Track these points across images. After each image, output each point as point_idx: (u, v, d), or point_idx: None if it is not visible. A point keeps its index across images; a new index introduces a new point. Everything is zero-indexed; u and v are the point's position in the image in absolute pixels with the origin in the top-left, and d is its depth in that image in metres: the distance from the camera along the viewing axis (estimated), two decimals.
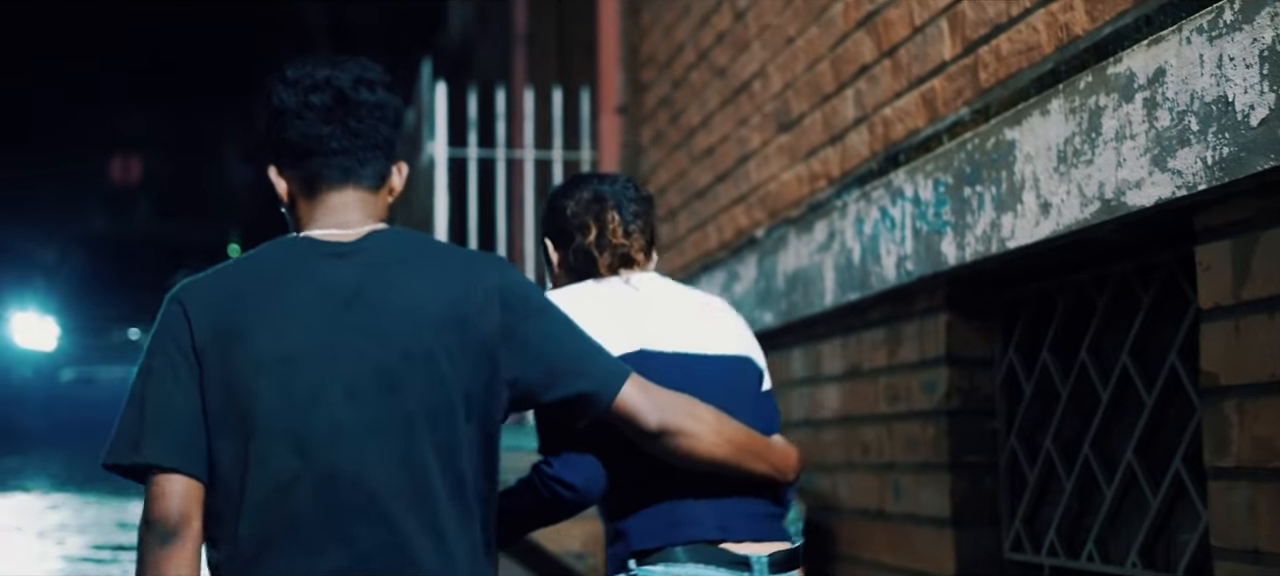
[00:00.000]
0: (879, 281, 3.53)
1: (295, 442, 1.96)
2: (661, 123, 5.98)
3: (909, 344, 3.48)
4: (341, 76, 2.11)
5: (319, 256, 2.06)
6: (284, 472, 1.95)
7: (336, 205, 2.10)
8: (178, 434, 1.97)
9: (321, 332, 2.00)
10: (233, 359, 1.98)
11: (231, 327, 1.99)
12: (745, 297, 4.58)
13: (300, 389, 1.97)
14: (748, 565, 2.26)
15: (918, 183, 3.32)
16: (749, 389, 2.41)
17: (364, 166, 2.10)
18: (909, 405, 3.47)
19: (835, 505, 3.92)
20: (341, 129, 2.09)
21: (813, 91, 4.17)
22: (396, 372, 1.98)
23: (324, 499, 1.95)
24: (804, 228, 4.06)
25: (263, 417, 1.96)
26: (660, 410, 2.16)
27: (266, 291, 2.02)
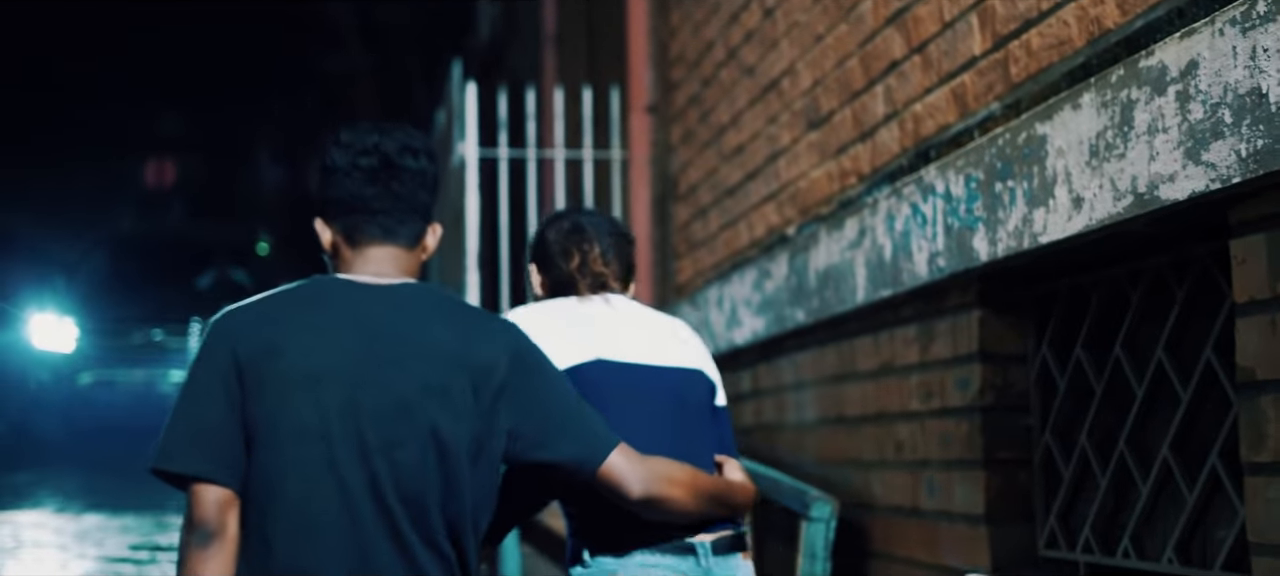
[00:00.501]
0: (911, 278, 3.52)
1: (323, 454, 2.17)
2: (691, 121, 5.98)
3: (942, 340, 3.47)
4: (388, 143, 2.33)
5: (353, 292, 2.30)
6: (312, 484, 2.16)
7: (375, 258, 2.32)
8: (215, 447, 2.17)
9: (351, 356, 2.21)
10: (270, 373, 2.19)
11: (270, 345, 2.21)
12: (777, 295, 4.57)
13: (329, 404, 2.19)
14: (693, 550, 2.47)
15: (949, 178, 3.30)
16: (699, 400, 2.61)
17: (402, 227, 2.34)
18: (942, 402, 3.45)
19: (868, 502, 3.91)
20: (385, 191, 2.32)
21: (842, 88, 4.16)
22: (414, 402, 2.20)
23: (346, 507, 2.17)
24: (835, 225, 4.06)
25: (297, 432, 2.17)
26: (644, 482, 2.35)
27: (303, 315, 2.25)
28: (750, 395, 5.10)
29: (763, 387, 4.94)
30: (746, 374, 5.14)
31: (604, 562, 2.46)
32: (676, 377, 2.59)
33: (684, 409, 2.56)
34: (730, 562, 2.53)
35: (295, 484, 2.16)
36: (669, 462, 2.40)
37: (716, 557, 2.49)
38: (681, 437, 2.52)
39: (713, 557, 2.48)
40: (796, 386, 4.56)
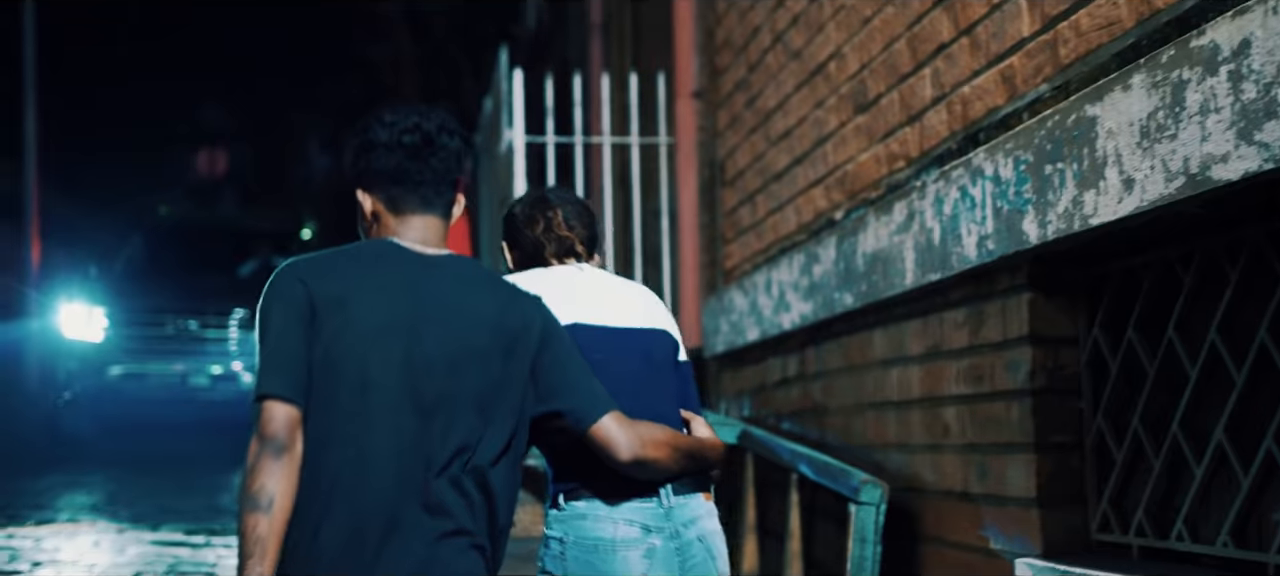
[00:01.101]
0: (960, 261, 3.51)
1: (380, 400, 2.43)
2: (738, 106, 5.97)
3: (991, 323, 3.46)
4: (429, 123, 2.59)
5: (407, 257, 2.55)
6: (371, 426, 2.41)
7: (416, 226, 2.58)
8: (291, 372, 2.40)
9: (407, 317, 2.47)
10: (339, 322, 2.44)
11: (339, 296, 2.45)
12: (825, 279, 4.57)
13: (388, 357, 2.44)
14: (656, 494, 2.71)
15: (998, 161, 3.29)
16: (664, 356, 2.88)
17: (439, 198, 2.60)
18: (992, 385, 3.44)
19: (918, 486, 3.90)
20: (425, 166, 2.57)
21: (890, 72, 4.15)
22: (460, 361, 2.48)
23: (397, 449, 2.42)
24: (883, 208, 4.05)
25: (360, 379, 2.42)
26: (631, 446, 2.61)
27: (366, 273, 2.50)
28: (798, 379, 5.10)
29: (810, 371, 4.94)
30: (794, 358, 5.13)
31: (576, 506, 2.72)
32: (644, 338, 2.85)
33: (651, 366, 2.82)
34: (691, 502, 2.76)
35: (353, 423, 2.40)
36: (652, 426, 2.65)
37: (677, 497, 2.73)
38: (650, 392, 2.77)
39: (674, 497, 2.73)
40: (845, 370, 4.55)
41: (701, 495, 2.79)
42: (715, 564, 2.78)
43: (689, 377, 2.93)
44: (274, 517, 2.33)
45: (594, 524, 2.69)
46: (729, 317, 5.95)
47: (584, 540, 2.69)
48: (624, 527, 2.68)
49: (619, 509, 2.69)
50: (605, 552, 2.68)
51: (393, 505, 2.40)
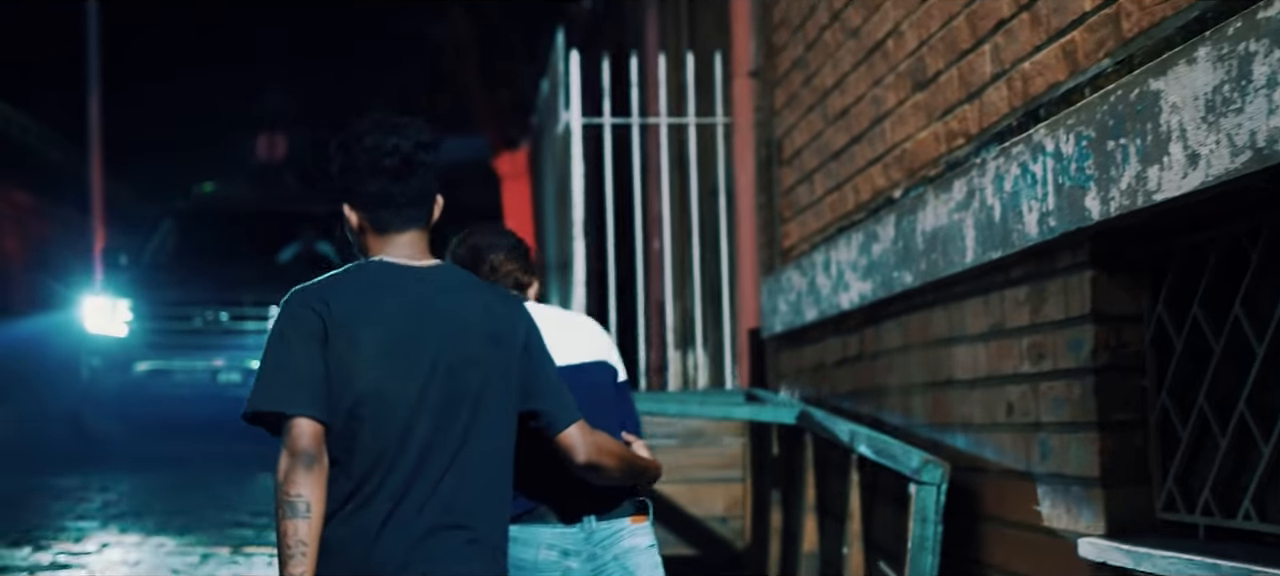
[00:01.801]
0: (1021, 238, 3.48)
1: (391, 411, 2.66)
2: (795, 85, 5.94)
3: (1053, 301, 3.43)
4: (405, 143, 2.75)
5: (400, 274, 2.76)
6: (385, 439, 2.65)
7: (402, 242, 2.79)
8: (313, 390, 2.63)
9: (408, 332, 2.70)
10: (348, 344, 2.66)
11: (346, 320, 2.68)
12: (884, 258, 4.54)
13: (396, 371, 2.68)
14: (578, 520, 3.09)
15: (1059, 137, 3.26)
16: (606, 384, 3.24)
17: (420, 212, 2.79)
18: (1054, 363, 3.41)
19: (979, 465, 3.88)
20: (407, 188, 2.76)
21: (948, 48, 4.11)
22: (459, 368, 2.72)
23: (410, 449, 2.66)
24: (942, 186, 4.02)
25: (374, 398, 2.66)
26: (588, 451, 2.89)
27: (368, 297, 2.72)
28: (856, 358, 5.08)
29: (870, 351, 4.92)
30: (853, 337, 5.11)
31: (511, 531, 2.96)
32: (591, 371, 3.22)
33: (597, 396, 3.14)
34: (614, 525, 3.12)
35: (371, 432, 2.65)
36: (609, 439, 2.96)
37: (600, 523, 3.10)
38: (599, 420, 3.01)
39: (597, 523, 3.10)
40: (904, 349, 4.53)
41: (629, 519, 3.14)
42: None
43: (627, 397, 3.31)
44: (311, 522, 2.57)
45: (521, 548, 3.06)
46: (787, 298, 5.94)
47: (514, 561, 3.03)
48: (545, 552, 3.08)
49: (542, 534, 3.07)
50: (529, 572, 3.06)
51: (409, 506, 2.64)
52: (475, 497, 2.70)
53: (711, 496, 6.10)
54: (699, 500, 6.09)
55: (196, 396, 11.27)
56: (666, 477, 6.06)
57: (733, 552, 6.09)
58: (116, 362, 11.44)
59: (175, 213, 13.70)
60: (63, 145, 17.00)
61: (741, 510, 6.12)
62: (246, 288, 11.58)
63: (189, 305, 11.56)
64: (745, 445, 6.14)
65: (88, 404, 11.67)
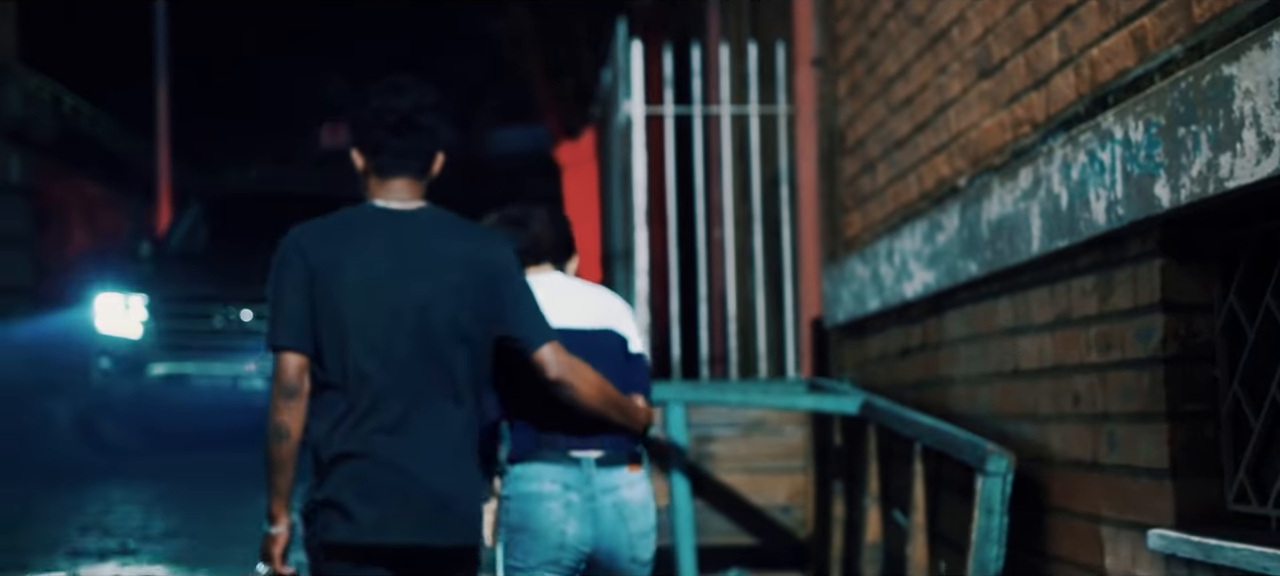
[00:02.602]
0: (1088, 227, 3.44)
1: (373, 342, 3.07)
2: (858, 74, 5.91)
3: (1121, 290, 3.39)
4: (404, 103, 3.18)
5: (387, 217, 3.17)
6: (367, 360, 3.07)
7: (394, 187, 3.20)
8: (297, 328, 3.08)
9: (392, 267, 3.11)
10: (333, 281, 3.08)
11: (333, 259, 3.10)
12: (948, 247, 4.51)
13: (380, 304, 3.09)
14: (578, 463, 3.45)
15: (1128, 124, 3.22)
16: (611, 351, 3.53)
17: (414, 163, 3.20)
18: (1123, 353, 3.38)
19: (1046, 456, 3.85)
20: (401, 140, 3.18)
21: (1015, 35, 4.07)
22: (438, 298, 3.10)
23: (389, 374, 3.07)
24: (1008, 175, 3.98)
25: (353, 326, 3.08)
26: (560, 368, 3.27)
27: (354, 238, 3.14)
28: (920, 349, 5.05)
29: (934, 341, 4.89)
30: (917, 327, 5.08)
31: (516, 470, 3.49)
32: (594, 337, 3.52)
33: (598, 359, 3.39)
34: (613, 474, 3.47)
35: (355, 361, 3.07)
36: (586, 366, 3.31)
37: (599, 469, 3.46)
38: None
39: (595, 468, 3.46)
40: (969, 339, 4.50)
41: (626, 468, 3.50)
42: (625, 526, 3.48)
43: (640, 367, 3.63)
44: (288, 443, 3.07)
45: (527, 482, 3.46)
46: (850, 287, 5.91)
47: (521, 494, 3.47)
48: (548, 485, 3.45)
49: (546, 471, 3.45)
50: (534, 502, 3.45)
51: (386, 422, 3.07)
52: (454, 417, 3.11)
53: (773, 486, 6.09)
54: (761, 489, 6.08)
55: (216, 404, 10.16)
56: (727, 466, 6.08)
57: (795, 542, 6.08)
58: (129, 366, 10.35)
59: (204, 198, 12.53)
60: (130, 136, 17.22)
61: (804, 500, 6.10)
62: None
63: (208, 302, 10.38)
64: (807, 435, 6.12)
65: (98, 411, 10.74)
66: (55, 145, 14.58)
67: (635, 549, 3.48)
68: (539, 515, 3.43)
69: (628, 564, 3.49)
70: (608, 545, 3.46)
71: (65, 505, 8.41)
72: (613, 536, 3.45)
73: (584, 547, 3.45)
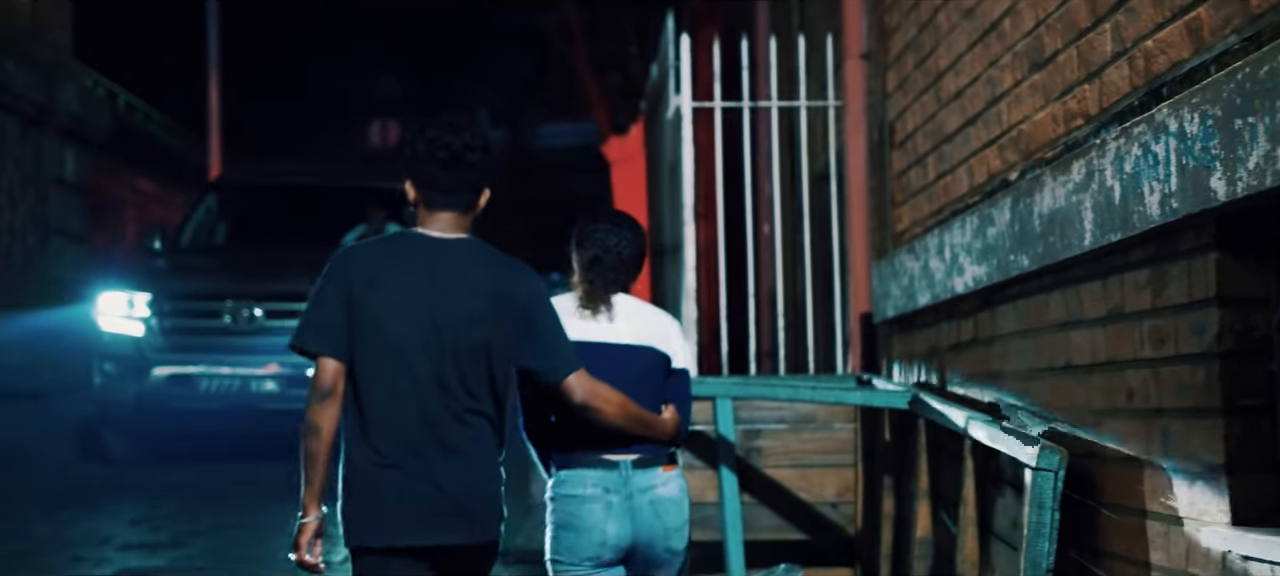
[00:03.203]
0: (1142, 221, 3.40)
1: (404, 355, 3.35)
2: (908, 67, 5.88)
3: (1176, 285, 3.35)
4: (456, 142, 3.41)
5: (428, 245, 3.44)
6: (397, 372, 3.34)
7: (441, 220, 3.46)
8: (334, 336, 3.35)
9: (424, 290, 3.37)
10: (371, 299, 3.36)
11: (372, 278, 3.38)
12: (999, 241, 4.48)
13: (411, 323, 3.35)
14: (616, 466, 3.77)
15: (1183, 116, 3.18)
16: (649, 367, 3.84)
17: (460, 199, 3.45)
18: (1177, 348, 3.34)
19: (1098, 452, 3.81)
20: (450, 176, 3.42)
21: (1067, 27, 4.04)
22: (464, 322, 3.37)
23: (419, 392, 3.35)
24: (1060, 168, 3.95)
25: (387, 338, 3.35)
26: (584, 393, 3.55)
27: (396, 260, 3.42)
28: (971, 343, 5.02)
29: (984, 335, 4.86)
30: (967, 322, 5.05)
31: (561, 475, 3.82)
32: (631, 352, 3.82)
33: (633, 374, 3.75)
34: (649, 474, 3.79)
35: (386, 373, 3.34)
36: (609, 387, 3.62)
37: (635, 471, 3.78)
38: (631, 391, 3.71)
39: (632, 470, 3.78)
40: (1020, 334, 4.46)
41: (660, 468, 3.81)
42: (661, 521, 3.79)
43: (680, 381, 3.92)
44: (324, 440, 3.33)
45: (571, 486, 3.78)
46: (900, 282, 5.88)
47: (566, 497, 3.78)
48: (590, 488, 3.76)
49: (588, 476, 3.76)
50: (578, 503, 3.76)
51: (413, 430, 3.34)
52: (473, 430, 3.38)
53: (822, 481, 6.07)
54: (809, 485, 6.06)
55: (225, 409, 9.54)
56: (776, 462, 6.06)
57: (843, 537, 6.06)
58: (131, 367, 9.63)
59: (218, 187, 11.72)
60: (183, 132, 17.40)
61: (852, 495, 6.08)
62: (290, 276, 9.34)
63: (216, 299, 9.71)
64: (856, 430, 6.10)
65: (101, 420, 10.05)
66: (110, 142, 14.75)
67: (670, 541, 3.82)
68: (582, 515, 3.74)
69: (663, 553, 3.83)
70: (645, 538, 3.78)
71: (72, 536, 7.55)
72: (650, 531, 3.78)
73: (623, 543, 3.77)
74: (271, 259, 10.01)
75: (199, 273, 10.19)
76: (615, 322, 3.85)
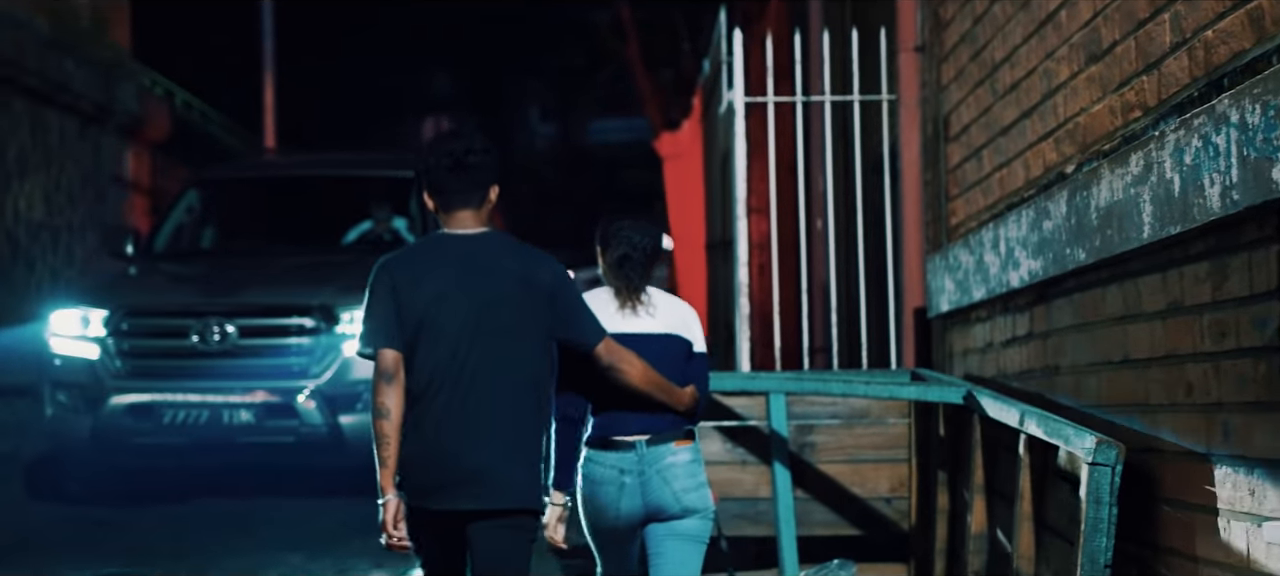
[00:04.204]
0: (1202, 213, 3.37)
1: (446, 342, 3.77)
2: (963, 60, 5.84)
3: (1237, 277, 3.31)
4: (458, 148, 3.85)
5: (456, 241, 3.89)
6: (439, 357, 3.77)
7: (458, 217, 3.90)
8: (390, 331, 3.79)
9: (460, 282, 3.81)
10: (414, 294, 3.79)
11: (414, 277, 3.82)
12: (1055, 235, 4.45)
13: (451, 311, 3.78)
14: (633, 446, 4.20)
15: (1244, 107, 3.14)
16: (675, 352, 4.26)
17: (470, 197, 3.89)
18: (1238, 342, 3.30)
19: (1156, 446, 3.78)
20: (458, 179, 3.86)
21: (1125, 18, 4.00)
22: (493, 306, 3.80)
23: (455, 368, 3.77)
24: (1118, 160, 3.91)
25: (429, 328, 3.77)
26: (610, 356, 4.01)
27: (431, 259, 3.88)
28: (1026, 337, 4.99)
29: (1040, 330, 4.82)
30: (1023, 316, 5.02)
31: (586, 452, 4.23)
32: (658, 340, 4.25)
33: (660, 358, 4.18)
34: (662, 450, 4.21)
35: (433, 359, 3.77)
36: (633, 354, 4.06)
37: (649, 449, 4.20)
38: (661, 373, 4.17)
39: (646, 449, 4.20)
40: (1077, 327, 4.43)
41: (673, 443, 4.22)
42: (669, 485, 4.19)
43: (700, 364, 4.34)
44: (391, 420, 3.74)
45: (592, 467, 4.23)
46: (954, 276, 5.85)
47: (588, 477, 4.24)
48: (608, 470, 4.21)
49: (607, 459, 4.20)
50: (595, 484, 4.23)
51: (459, 408, 3.75)
52: (508, 403, 3.78)
53: (876, 476, 6.05)
54: (863, 480, 6.04)
55: (193, 444, 8.25)
56: (829, 457, 6.04)
57: (898, 533, 6.03)
58: (85, 396, 8.29)
59: (200, 183, 10.16)
60: (240, 132, 17.55)
61: (906, 491, 6.05)
62: (274, 287, 8.52)
63: (183, 315, 8.36)
64: (910, 425, 6.07)
65: (55, 458, 8.67)
66: (168, 140, 14.91)
67: (682, 501, 4.20)
68: (599, 494, 4.23)
69: (677, 511, 4.22)
70: (656, 503, 4.21)
71: None
72: (659, 495, 4.21)
73: (635, 516, 4.23)
74: (255, 267, 8.96)
75: (165, 284, 8.95)
76: (647, 315, 4.30)
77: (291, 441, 8.21)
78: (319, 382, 8.21)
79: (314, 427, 8.18)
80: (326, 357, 8.26)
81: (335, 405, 8.18)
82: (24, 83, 11.33)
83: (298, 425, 8.17)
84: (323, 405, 8.17)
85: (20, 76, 11.22)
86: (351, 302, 7.83)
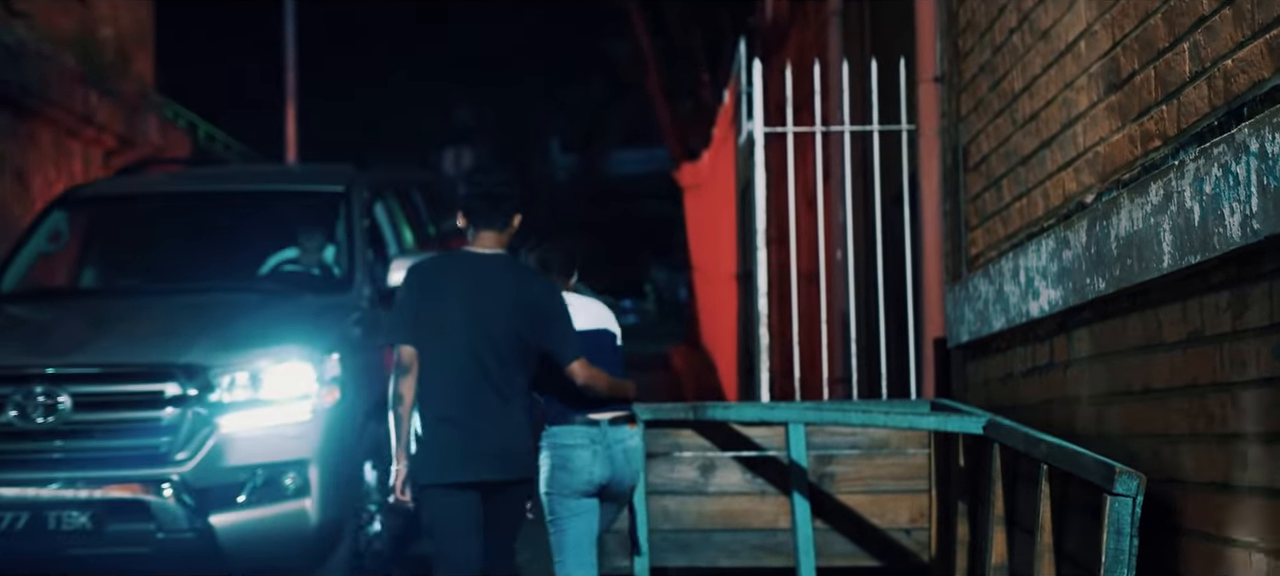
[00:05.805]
0: (1222, 243, 3.35)
1: (456, 342, 4.63)
2: (982, 89, 5.84)
3: (1257, 307, 3.30)
4: (489, 181, 4.76)
5: (472, 259, 4.76)
6: (451, 357, 4.64)
7: (482, 238, 4.77)
8: (408, 329, 4.67)
9: (469, 295, 4.67)
10: (433, 299, 4.67)
11: (431, 287, 4.72)
12: (1075, 264, 4.43)
13: (460, 319, 4.63)
14: (597, 423, 4.94)
15: (1264, 136, 3.14)
16: (607, 343, 5.07)
17: (496, 222, 4.76)
18: (1259, 371, 3.28)
19: (1177, 477, 3.75)
20: (487, 205, 4.74)
21: (1144, 48, 4.00)
22: (493, 315, 4.65)
23: (465, 369, 4.64)
24: (1137, 190, 3.90)
25: (443, 332, 4.64)
26: (585, 376, 4.80)
27: (450, 270, 4.78)
28: (1046, 367, 4.97)
29: (1060, 360, 4.80)
30: (1043, 346, 5.00)
31: (553, 429, 4.95)
32: (596, 334, 5.03)
33: (597, 347, 4.96)
34: (620, 431, 4.98)
35: (441, 357, 4.64)
36: (599, 371, 4.85)
37: (611, 428, 4.95)
38: (597, 360, 4.91)
39: (609, 428, 4.95)
40: (1096, 358, 4.41)
41: (627, 426, 5.00)
42: (629, 464, 5.00)
43: (619, 351, 5.11)
44: (405, 405, 4.65)
45: (562, 435, 4.93)
46: (974, 306, 5.83)
47: (558, 445, 4.93)
48: (577, 436, 4.91)
49: (577, 430, 4.91)
50: (567, 449, 4.92)
51: (463, 397, 4.62)
52: (508, 394, 4.66)
53: (895, 507, 6.03)
54: (883, 511, 6.02)
55: (6, 558, 6.04)
56: (848, 487, 6.02)
57: (918, 564, 6.00)
58: None
59: (66, 203, 7.77)
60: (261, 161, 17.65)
61: (926, 522, 6.03)
62: (126, 341, 6.37)
63: (7, 381, 6.12)
64: (930, 456, 6.04)
65: None
66: None
67: (633, 481, 5.06)
68: (573, 459, 4.90)
69: (625, 491, 5.06)
70: (618, 476, 4.97)
71: None
72: (620, 472, 4.97)
73: (602, 480, 4.94)
74: (111, 315, 6.73)
75: (24, 327, 6.80)
76: (580, 313, 5.05)
77: (145, 552, 6.08)
78: (184, 470, 6.03)
79: (176, 532, 6.03)
80: (196, 436, 6.06)
81: (206, 501, 6.02)
82: (49, 115, 11.43)
83: (153, 530, 6.03)
84: (188, 501, 6.00)
85: (46, 109, 11.31)
86: (233, 361, 6.09)
